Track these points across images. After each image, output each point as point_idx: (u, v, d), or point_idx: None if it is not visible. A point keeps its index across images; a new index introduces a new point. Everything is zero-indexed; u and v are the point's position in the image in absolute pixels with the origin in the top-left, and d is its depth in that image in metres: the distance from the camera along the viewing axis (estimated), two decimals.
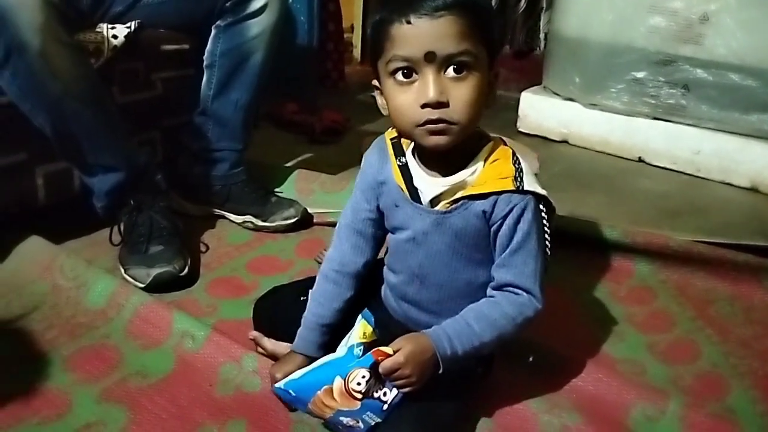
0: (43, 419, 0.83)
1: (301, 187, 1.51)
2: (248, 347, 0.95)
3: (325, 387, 0.76)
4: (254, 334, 0.95)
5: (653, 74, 1.81)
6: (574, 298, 1.18)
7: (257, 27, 1.31)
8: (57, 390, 0.88)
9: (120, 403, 0.86)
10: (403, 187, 0.81)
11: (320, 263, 0.93)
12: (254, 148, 1.50)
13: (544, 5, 2.40)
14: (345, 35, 2.64)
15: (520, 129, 2.10)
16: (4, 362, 0.93)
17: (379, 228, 0.88)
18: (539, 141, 2.04)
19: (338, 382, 0.75)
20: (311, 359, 0.84)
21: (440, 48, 0.69)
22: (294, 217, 1.36)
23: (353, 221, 0.89)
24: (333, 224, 0.98)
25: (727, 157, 1.73)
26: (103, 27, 1.25)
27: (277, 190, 1.47)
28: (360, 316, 0.80)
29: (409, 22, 0.70)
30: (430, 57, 0.70)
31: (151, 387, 0.90)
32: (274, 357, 0.92)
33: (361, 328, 0.78)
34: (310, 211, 1.40)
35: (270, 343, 0.93)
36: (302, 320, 0.88)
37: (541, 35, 2.43)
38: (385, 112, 0.78)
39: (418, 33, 0.69)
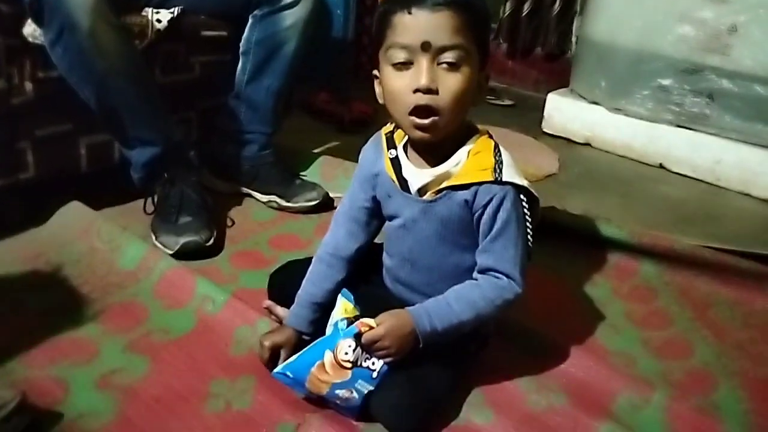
0: (74, 362, 0.92)
1: (325, 172, 1.58)
2: (263, 313, 1.02)
3: (318, 363, 0.81)
4: (268, 302, 1.03)
5: (679, 82, 1.82)
6: (576, 291, 1.22)
7: (291, 18, 1.38)
8: (87, 338, 0.97)
9: (143, 354, 0.95)
10: (394, 177, 0.87)
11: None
12: (285, 133, 1.57)
13: (578, 9, 2.41)
14: None
15: (544, 129, 2.13)
16: (43, 311, 1.02)
17: (374, 217, 0.95)
18: (563, 142, 2.07)
19: (328, 356, 0.80)
20: (301, 334, 0.92)
21: (436, 39, 0.76)
22: (316, 199, 1.43)
23: (350, 209, 0.96)
24: None
25: (747, 168, 1.74)
26: (149, 11, 1.32)
27: (302, 173, 1.54)
28: (339, 296, 0.86)
29: (410, 13, 0.76)
30: (425, 46, 0.76)
31: (172, 342, 0.98)
32: None
33: (342, 306, 0.84)
34: (331, 195, 1.47)
35: (282, 311, 1.00)
36: (296, 298, 0.95)
37: (573, 39, 2.44)
38: (381, 100, 0.84)
39: (417, 23, 0.76)
